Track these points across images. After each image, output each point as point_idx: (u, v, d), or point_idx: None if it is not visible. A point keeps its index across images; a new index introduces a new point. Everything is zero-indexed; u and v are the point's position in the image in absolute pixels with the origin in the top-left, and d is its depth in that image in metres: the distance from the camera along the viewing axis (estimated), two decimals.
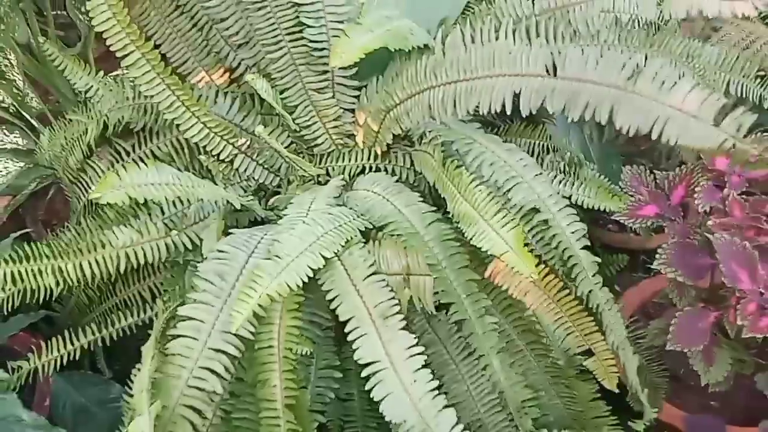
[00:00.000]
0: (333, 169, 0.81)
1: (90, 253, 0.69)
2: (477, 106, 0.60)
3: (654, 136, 0.51)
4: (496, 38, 0.67)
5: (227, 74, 0.89)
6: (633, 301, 0.99)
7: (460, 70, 0.63)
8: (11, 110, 1.05)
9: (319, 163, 0.83)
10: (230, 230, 0.69)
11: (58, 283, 0.69)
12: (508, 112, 0.58)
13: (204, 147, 0.77)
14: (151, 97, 0.70)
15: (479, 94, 0.60)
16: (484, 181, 0.64)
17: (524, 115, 0.57)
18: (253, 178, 0.83)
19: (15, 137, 1.09)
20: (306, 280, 0.57)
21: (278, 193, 0.84)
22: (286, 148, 0.82)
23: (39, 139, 1.01)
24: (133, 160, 0.83)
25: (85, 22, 0.93)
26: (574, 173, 0.82)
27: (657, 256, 0.71)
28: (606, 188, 0.79)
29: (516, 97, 0.58)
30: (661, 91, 0.51)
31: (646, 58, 0.53)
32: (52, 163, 0.97)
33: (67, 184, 0.91)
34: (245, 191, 0.83)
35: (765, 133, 0.58)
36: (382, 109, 0.75)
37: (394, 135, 0.75)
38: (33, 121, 1.01)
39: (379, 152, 0.80)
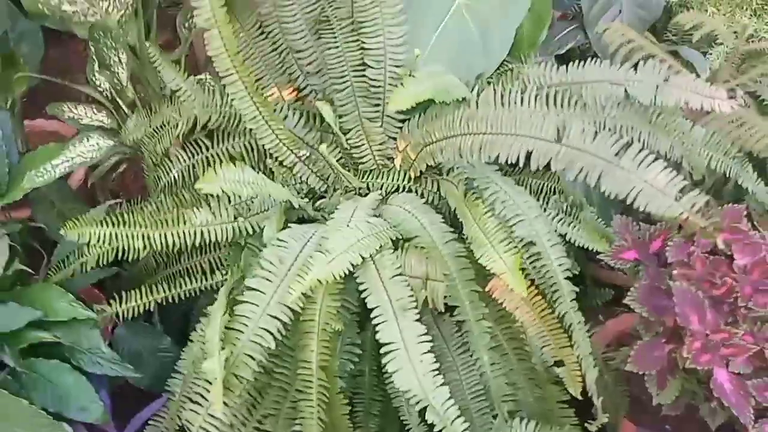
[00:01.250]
0: (373, 184, 0.98)
1: (174, 226, 0.86)
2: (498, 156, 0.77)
3: (628, 202, 0.67)
4: (521, 101, 0.84)
5: (295, 93, 1.06)
6: (612, 331, 1.14)
7: (488, 125, 0.79)
8: (106, 95, 1.23)
9: (362, 178, 0.99)
10: (288, 224, 0.85)
11: (145, 247, 0.86)
12: (521, 165, 0.75)
13: (272, 153, 0.94)
14: (240, 108, 0.88)
15: (500, 147, 0.76)
16: (495, 214, 0.80)
17: (534, 169, 0.73)
18: (306, 182, 0.99)
19: (102, 116, 1.27)
20: (347, 273, 0.74)
21: (324, 197, 1.01)
22: (337, 161, 1.00)
23: (124, 122, 1.19)
24: (211, 155, 1.01)
25: (186, 35, 1.10)
26: (574, 214, 0.97)
27: (629, 293, 0.87)
28: (597, 230, 0.95)
29: (528, 153, 0.74)
30: (639, 168, 0.67)
31: (632, 139, 0.69)
32: (134, 144, 1.14)
33: (149, 165, 1.09)
34: (299, 193, 1.00)
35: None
36: (420, 143, 0.91)
37: (427, 165, 0.91)
38: (123, 107, 1.19)
39: (412, 176, 0.96)
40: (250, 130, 0.91)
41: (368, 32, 0.93)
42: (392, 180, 0.97)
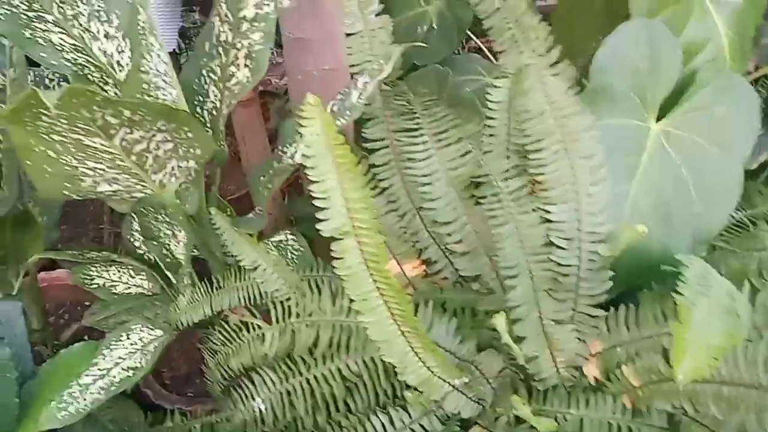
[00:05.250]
0: (565, 417, 0.65)
1: None
2: None
3: None
4: None
5: (423, 266, 0.74)
6: None
7: None
8: (146, 258, 0.92)
9: (541, 403, 0.66)
10: None
11: None
12: None
13: (416, 388, 0.62)
14: (376, 340, 0.55)
15: None
16: None
17: None
18: (458, 412, 0.67)
19: (141, 279, 0.96)
20: None
21: (478, 423, 0.68)
22: (499, 372, 0.67)
23: (172, 289, 0.88)
24: (311, 377, 0.68)
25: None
26: None
27: None
28: None
29: None
30: None
31: None
32: (183, 325, 0.82)
33: (214, 378, 0.76)
34: (443, 423, 0.68)
35: None
36: (649, 372, 0.58)
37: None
38: (172, 277, 0.87)
39: (627, 404, 0.63)
40: (393, 365, 0.58)
41: (554, 197, 0.62)
42: (595, 411, 0.63)
